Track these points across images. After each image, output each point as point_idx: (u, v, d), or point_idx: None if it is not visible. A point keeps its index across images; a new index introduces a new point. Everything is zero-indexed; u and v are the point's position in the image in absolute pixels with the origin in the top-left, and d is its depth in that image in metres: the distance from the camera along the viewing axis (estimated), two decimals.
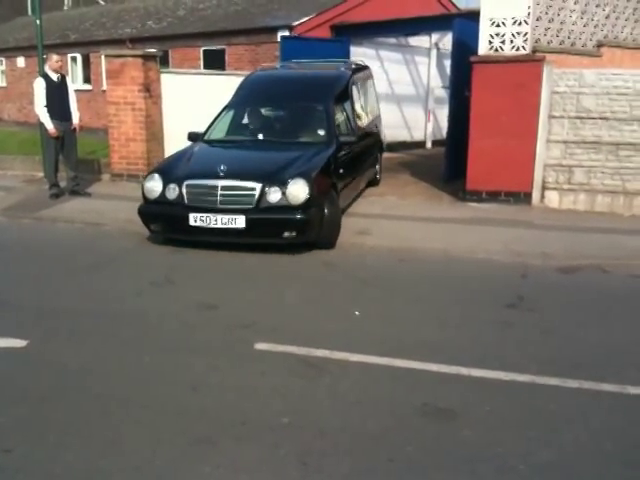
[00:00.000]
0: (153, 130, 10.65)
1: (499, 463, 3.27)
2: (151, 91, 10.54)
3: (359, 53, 14.41)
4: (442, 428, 3.58)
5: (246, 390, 3.95)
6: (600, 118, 8.92)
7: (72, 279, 6.09)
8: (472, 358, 4.39)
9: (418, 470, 3.21)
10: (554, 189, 9.25)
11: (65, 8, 36.69)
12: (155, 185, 7.06)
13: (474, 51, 9.38)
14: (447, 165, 10.85)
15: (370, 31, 15.40)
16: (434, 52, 17.29)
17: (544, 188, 9.26)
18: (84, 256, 6.86)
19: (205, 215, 6.67)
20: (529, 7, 9.01)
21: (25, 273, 6.34)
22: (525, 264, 6.64)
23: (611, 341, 4.81)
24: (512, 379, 4.12)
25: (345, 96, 8.94)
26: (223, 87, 11.58)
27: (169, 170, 7.24)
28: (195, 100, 11.05)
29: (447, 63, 14.35)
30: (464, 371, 4.22)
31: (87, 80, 21.64)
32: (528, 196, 9.24)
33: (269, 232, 6.79)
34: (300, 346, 4.53)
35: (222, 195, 6.72)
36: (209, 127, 8.41)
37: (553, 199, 9.27)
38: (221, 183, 6.76)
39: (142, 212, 7.19)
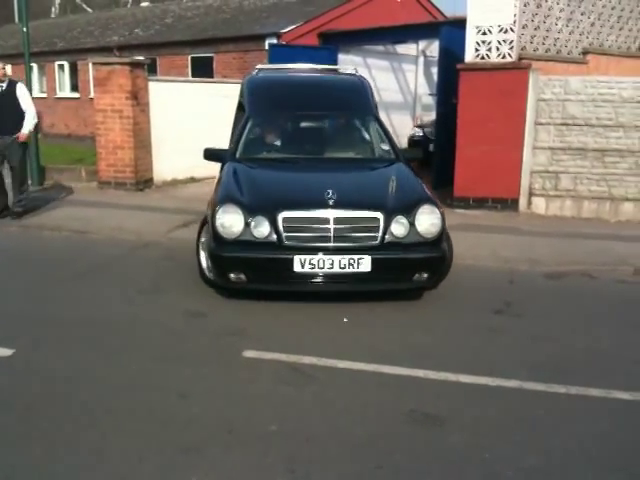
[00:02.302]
0: (141, 138, 10.64)
1: (487, 469, 3.28)
2: (139, 99, 10.53)
3: (347, 61, 14.46)
4: (430, 434, 3.58)
5: (234, 398, 3.94)
6: (586, 125, 9.00)
7: (59, 287, 6.06)
8: (459, 364, 4.40)
9: (406, 476, 3.21)
10: (541, 195, 9.31)
11: (52, 16, 36.67)
12: (235, 219, 5.31)
13: (461, 58, 9.44)
14: (435, 172, 10.90)
15: (358, 39, 15.48)
16: (421, 60, 17.40)
17: (531, 194, 9.33)
18: (71, 264, 6.82)
19: (316, 257, 5.17)
20: (515, 15, 9.08)
21: (11, 281, 6.30)
22: (512, 270, 6.68)
23: (597, 346, 4.84)
24: (499, 385, 4.14)
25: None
26: (211, 94, 11.67)
27: (247, 198, 5.51)
28: (183, 108, 11.09)
29: (434, 70, 14.44)
30: (451, 377, 4.23)
31: (75, 88, 21.62)
32: (515, 202, 9.30)
33: (398, 275, 5.44)
34: (288, 353, 4.53)
35: (336, 230, 5.21)
36: (237, 143, 6.70)
37: (540, 205, 9.34)
38: (334, 214, 5.24)
39: (218, 257, 5.38)
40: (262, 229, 5.27)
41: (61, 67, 22.06)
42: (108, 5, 38.26)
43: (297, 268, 5.17)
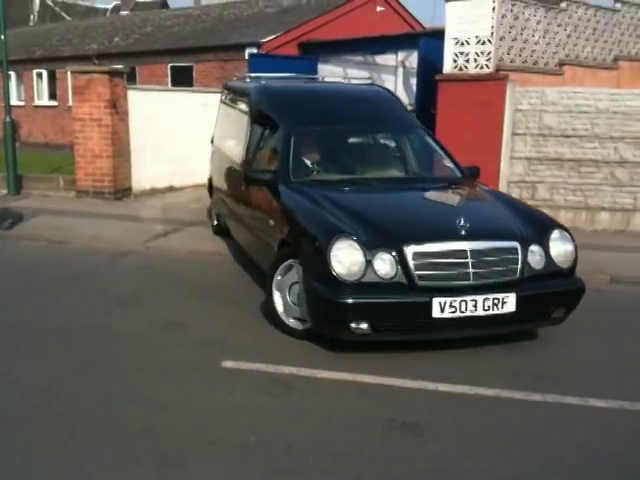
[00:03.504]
0: (120, 147, 10.58)
1: (466, 477, 3.29)
2: (118, 107, 10.48)
3: (327, 71, 14.52)
4: (409, 443, 3.60)
5: (213, 408, 3.93)
6: (562, 135, 9.12)
7: (36, 297, 6.00)
8: (438, 373, 4.42)
9: None
10: None
11: (31, 24, 36.42)
12: (354, 257, 4.47)
13: (439, 69, 9.54)
14: None
15: (337, 49, 15.57)
16: (400, 70, 17.51)
17: None
18: (49, 274, 6.76)
19: (458, 299, 4.43)
20: (492, 27, 9.20)
21: None
22: None
23: (574, 355, 4.89)
24: (477, 393, 4.17)
25: None
26: (191, 103, 11.65)
27: (360, 231, 4.64)
28: (163, 117, 11.05)
29: (413, 81, 14.54)
30: (430, 386, 4.25)
31: (53, 96, 21.48)
32: None
33: (540, 313, 4.83)
34: (267, 363, 4.53)
35: (474, 264, 4.53)
36: (284, 163, 5.83)
37: None
38: (470, 246, 4.56)
39: (338, 304, 4.42)
40: (387, 267, 4.47)
41: (39, 75, 21.92)
42: (87, 13, 38.09)
43: (436, 313, 4.40)
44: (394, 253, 4.49)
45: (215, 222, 8.38)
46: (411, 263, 4.46)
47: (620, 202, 9.07)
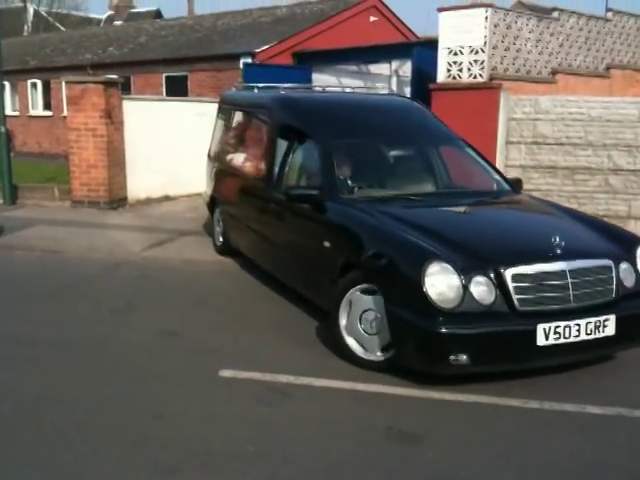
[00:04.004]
0: (115, 156, 10.58)
1: None
2: (113, 117, 10.48)
3: (321, 80, 14.58)
4: (406, 451, 3.60)
5: (210, 418, 3.92)
6: (556, 144, 9.16)
7: (31, 307, 5.98)
8: (435, 381, 4.42)
9: None
10: None
11: (25, 34, 36.43)
12: (451, 281, 4.11)
13: (433, 78, 9.58)
14: None
15: (331, 58, 15.63)
16: (394, 79, 17.55)
17: None
18: (44, 284, 6.74)
19: (562, 324, 4.13)
20: (485, 36, 9.26)
21: None
22: None
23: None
24: (474, 401, 4.17)
25: None
26: (186, 113, 11.67)
27: (451, 253, 4.27)
28: (158, 126, 11.06)
29: (407, 90, 14.59)
30: (427, 394, 4.25)
31: (47, 106, 21.47)
32: None
33: (637, 334, 4.58)
34: (264, 372, 4.52)
35: (574, 286, 4.24)
36: (328, 179, 5.46)
37: None
38: (569, 266, 4.28)
39: (435, 336, 4.07)
40: (485, 292, 4.12)
41: (34, 85, 21.91)
42: (81, 23, 38.13)
43: (541, 341, 4.09)
44: (492, 276, 4.15)
45: (220, 241, 7.80)
46: (511, 287, 4.12)
47: (614, 209, 9.10)
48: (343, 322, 4.69)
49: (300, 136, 6.08)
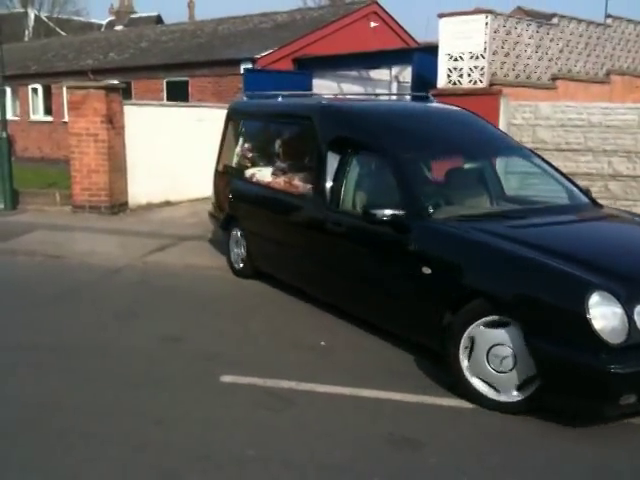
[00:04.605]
0: (116, 161, 10.61)
1: None
2: (114, 122, 10.51)
3: (322, 85, 14.62)
4: (408, 457, 3.60)
5: (211, 423, 3.92)
6: (556, 149, 9.18)
7: (33, 313, 5.98)
8: (436, 387, 4.43)
9: None
10: None
11: (26, 39, 36.53)
12: (616, 312, 3.69)
13: (433, 84, 9.62)
14: None
15: (332, 64, 15.68)
16: (394, 85, 17.60)
17: None
18: (45, 289, 6.75)
19: None
20: (485, 42, 9.30)
21: None
22: None
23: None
24: (476, 406, 4.17)
25: None
26: (187, 118, 11.70)
27: (606, 280, 3.84)
28: (158, 131, 11.09)
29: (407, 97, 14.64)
30: (429, 400, 4.25)
31: (48, 111, 21.51)
32: None
33: None
34: (266, 378, 4.52)
35: None
36: (412, 196, 4.93)
37: None
38: None
39: (609, 376, 3.62)
40: None
41: (35, 90, 21.98)
42: (82, 29, 38.23)
43: None
44: None
45: (240, 263, 7.10)
46: None
47: None
48: (465, 363, 4.21)
49: (359, 149, 5.60)
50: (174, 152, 11.26)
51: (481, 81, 9.33)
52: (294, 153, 6.54)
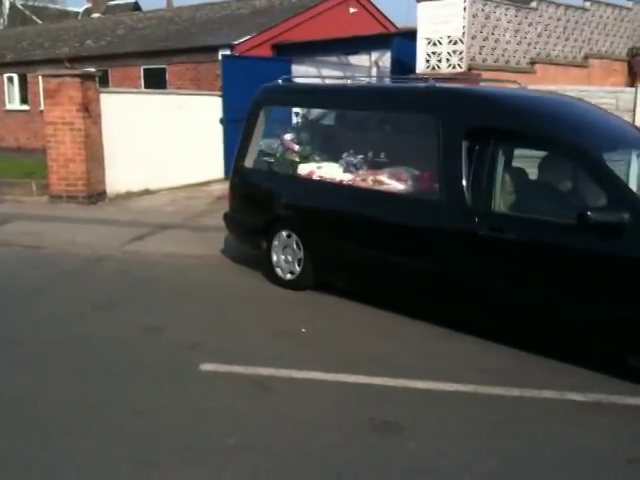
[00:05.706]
0: (93, 150, 10.47)
1: (445, 474, 3.31)
2: (90, 111, 10.36)
3: (301, 71, 14.52)
4: (389, 442, 3.60)
5: (191, 412, 3.90)
6: None
7: (11, 304, 5.91)
8: (417, 371, 4.44)
9: None
10: None
11: (1, 27, 35.95)
12: None
13: (413, 69, 9.59)
14: None
15: (311, 50, 15.57)
16: (374, 70, 17.55)
17: None
18: (24, 280, 6.67)
19: None
20: (464, 26, 9.28)
21: None
22: None
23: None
24: (456, 390, 4.18)
25: None
26: (165, 105, 11.58)
27: None
28: (136, 119, 10.97)
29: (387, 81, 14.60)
30: (409, 384, 4.26)
31: (24, 100, 21.20)
32: None
33: None
34: (246, 365, 4.50)
35: None
36: (629, 199, 4.32)
37: None
38: None
39: None
40: None
41: (10, 79, 21.60)
42: (58, 17, 37.67)
43: None
44: None
45: (293, 273, 6.17)
46: None
47: None
48: None
49: (518, 141, 5.09)
50: (153, 140, 11.15)
51: (460, 65, 9.32)
52: (387, 146, 5.78)
